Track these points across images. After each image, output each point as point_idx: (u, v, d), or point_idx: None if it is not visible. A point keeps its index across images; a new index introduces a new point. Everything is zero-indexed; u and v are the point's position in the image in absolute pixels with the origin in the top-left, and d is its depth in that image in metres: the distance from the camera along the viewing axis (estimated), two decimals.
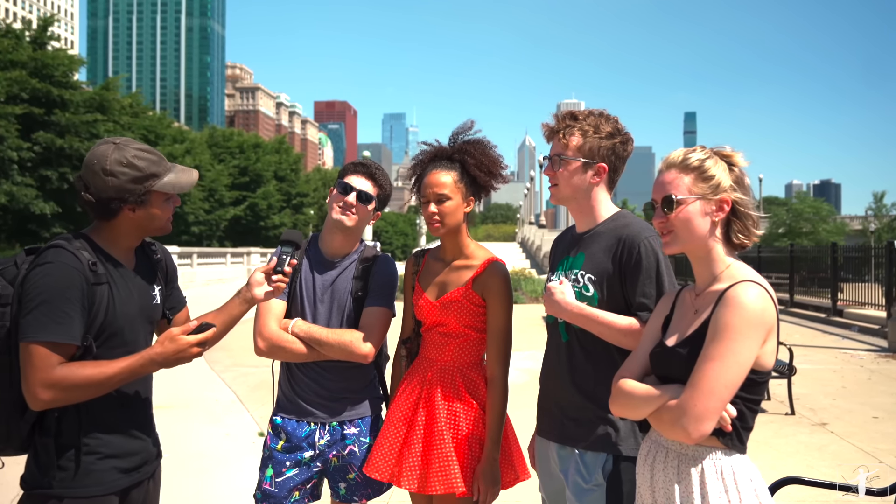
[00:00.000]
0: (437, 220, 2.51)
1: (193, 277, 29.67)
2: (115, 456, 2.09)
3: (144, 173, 2.05)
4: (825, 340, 13.05)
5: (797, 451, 5.95)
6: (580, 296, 2.22)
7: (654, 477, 1.89)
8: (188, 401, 7.80)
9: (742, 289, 1.76)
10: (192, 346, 2.03)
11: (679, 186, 1.86)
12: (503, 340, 2.52)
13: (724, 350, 1.72)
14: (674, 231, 1.87)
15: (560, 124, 2.29)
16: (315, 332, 2.58)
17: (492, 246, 46.35)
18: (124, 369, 1.98)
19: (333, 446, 2.64)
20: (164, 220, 2.16)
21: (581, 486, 2.17)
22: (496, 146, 2.63)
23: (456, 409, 2.49)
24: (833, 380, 9.08)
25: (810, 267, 19.18)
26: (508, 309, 2.53)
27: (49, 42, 37.27)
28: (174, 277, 2.39)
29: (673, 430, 1.77)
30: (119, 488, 2.10)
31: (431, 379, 2.53)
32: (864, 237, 45.38)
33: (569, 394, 2.24)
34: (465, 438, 2.47)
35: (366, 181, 2.66)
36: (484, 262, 2.54)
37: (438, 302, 2.54)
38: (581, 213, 2.33)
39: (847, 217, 61.44)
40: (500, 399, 2.48)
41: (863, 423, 6.87)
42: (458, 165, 2.54)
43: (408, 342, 2.71)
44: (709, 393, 1.71)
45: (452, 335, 2.53)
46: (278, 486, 2.62)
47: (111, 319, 2.04)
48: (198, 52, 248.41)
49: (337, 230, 2.67)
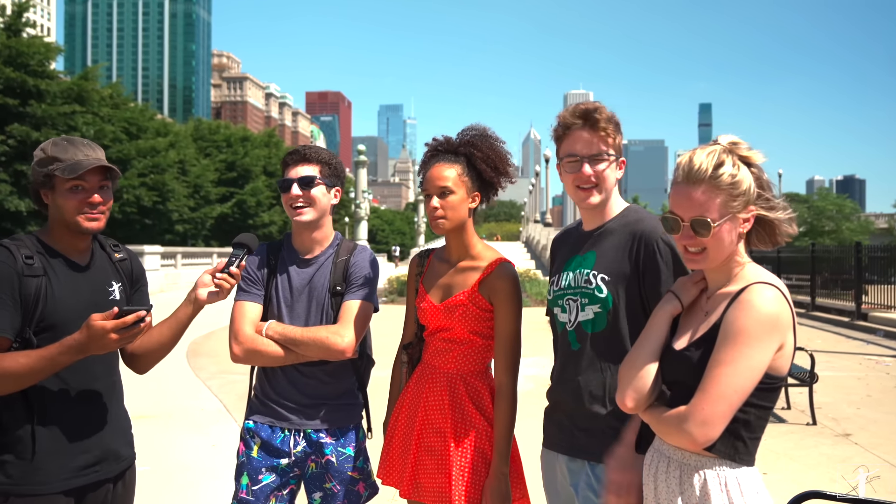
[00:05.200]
0: (440, 215, 2.50)
1: (177, 279, 29.66)
2: (63, 452, 2.14)
3: (47, 156, 2.18)
4: (849, 346, 13.03)
5: (819, 463, 5.94)
6: (593, 298, 2.20)
7: (657, 487, 1.89)
8: (171, 410, 7.80)
9: (756, 291, 1.76)
10: (109, 333, 2.00)
11: (712, 207, 1.81)
12: (511, 347, 2.50)
13: (735, 354, 1.73)
14: (706, 250, 1.83)
15: (597, 120, 2.24)
16: (289, 332, 2.60)
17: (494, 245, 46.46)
18: (44, 358, 2.04)
19: (310, 454, 2.66)
20: (71, 213, 2.19)
21: (593, 500, 2.16)
22: (504, 142, 2.63)
23: (458, 420, 2.48)
24: (857, 388, 9.08)
25: (833, 268, 19.16)
26: (517, 313, 2.52)
27: (24, 29, 37.22)
28: (140, 280, 2.48)
29: (678, 436, 1.78)
30: (69, 487, 2.15)
31: (433, 387, 2.53)
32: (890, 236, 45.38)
33: (580, 404, 2.22)
34: (466, 452, 2.47)
35: (302, 166, 2.67)
36: (491, 264, 2.52)
37: (442, 305, 2.53)
38: (591, 209, 2.32)
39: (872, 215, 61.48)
40: (507, 410, 2.46)
41: (889, 433, 6.86)
42: (463, 159, 2.54)
43: (409, 347, 2.71)
44: (718, 398, 1.72)
45: (457, 341, 2.53)
46: (255, 494, 2.62)
47: (50, 311, 2.12)
48: (182, 40, 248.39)
49: (302, 228, 2.70)
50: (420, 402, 2.54)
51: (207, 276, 2.38)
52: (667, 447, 1.89)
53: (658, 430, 1.88)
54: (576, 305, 2.25)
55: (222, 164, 59.44)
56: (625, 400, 1.91)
